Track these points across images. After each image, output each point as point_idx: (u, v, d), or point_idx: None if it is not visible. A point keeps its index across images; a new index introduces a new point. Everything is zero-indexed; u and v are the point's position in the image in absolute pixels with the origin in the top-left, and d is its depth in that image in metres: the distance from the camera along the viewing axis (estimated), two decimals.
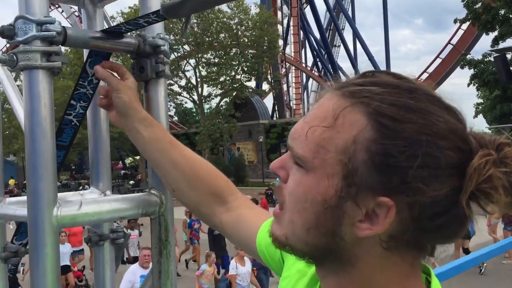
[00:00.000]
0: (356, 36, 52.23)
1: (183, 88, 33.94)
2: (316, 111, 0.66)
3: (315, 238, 0.65)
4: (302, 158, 0.65)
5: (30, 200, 0.99)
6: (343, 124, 0.62)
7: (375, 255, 0.64)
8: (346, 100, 0.63)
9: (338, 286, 0.69)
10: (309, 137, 0.64)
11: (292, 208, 0.67)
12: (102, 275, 1.41)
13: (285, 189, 0.68)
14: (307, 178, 0.65)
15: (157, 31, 1.20)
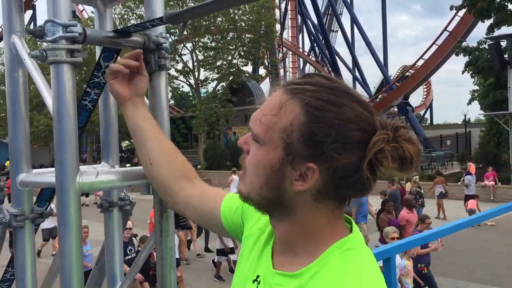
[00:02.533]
0: (353, 21, 52.11)
1: (180, 72, 33.94)
2: (268, 102, 0.93)
3: (266, 192, 0.92)
4: (257, 135, 0.92)
5: (57, 169, 1.24)
6: (285, 112, 0.88)
7: (308, 204, 0.91)
8: (287, 95, 0.90)
9: (285, 229, 0.95)
10: (262, 121, 0.91)
11: (251, 172, 0.94)
12: (111, 236, 1.66)
13: (246, 158, 0.96)
14: (260, 150, 0.91)
15: (159, 31, 1.43)
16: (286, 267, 0.93)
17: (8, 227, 1.41)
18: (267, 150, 0.90)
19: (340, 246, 0.90)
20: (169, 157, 1.33)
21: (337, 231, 0.92)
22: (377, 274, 0.88)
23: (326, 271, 0.86)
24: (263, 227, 1.07)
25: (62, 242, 1.23)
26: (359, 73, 53.67)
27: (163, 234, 1.45)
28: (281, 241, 0.97)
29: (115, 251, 1.66)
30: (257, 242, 1.05)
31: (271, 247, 1.01)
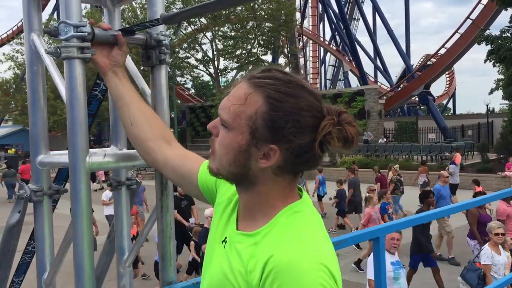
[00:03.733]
0: (375, 9, 51.55)
1: (200, 61, 34.22)
2: (235, 92, 1.09)
3: (234, 169, 1.09)
4: (226, 122, 1.08)
5: (70, 151, 1.43)
6: (250, 103, 1.05)
7: (269, 178, 1.09)
8: (251, 88, 1.06)
9: (248, 198, 1.13)
10: (231, 110, 1.08)
11: (220, 152, 1.11)
12: (120, 213, 1.86)
13: (215, 141, 1.13)
14: (229, 134, 1.08)
15: (160, 30, 1.61)
16: (247, 228, 1.11)
17: (28, 201, 1.61)
18: (235, 134, 1.06)
19: (289, 209, 1.08)
20: (149, 119, 1.47)
21: (289, 199, 1.10)
22: (316, 232, 1.04)
23: (275, 231, 1.04)
24: (231, 196, 1.23)
25: (75, 213, 1.42)
26: (381, 62, 53.17)
27: (163, 210, 1.63)
28: (244, 207, 1.15)
29: (124, 226, 1.85)
30: (226, 209, 1.22)
31: (236, 213, 1.19)
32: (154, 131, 1.47)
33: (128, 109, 1.47)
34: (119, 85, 1.49)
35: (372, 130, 31.53)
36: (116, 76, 1.49)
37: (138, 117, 1.47)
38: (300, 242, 0.98)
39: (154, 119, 1.50)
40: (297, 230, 1.02)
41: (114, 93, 1.50)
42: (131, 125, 1.47)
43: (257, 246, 1.03)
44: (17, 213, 1.62)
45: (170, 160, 1.44)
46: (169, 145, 1.48)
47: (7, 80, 44.50)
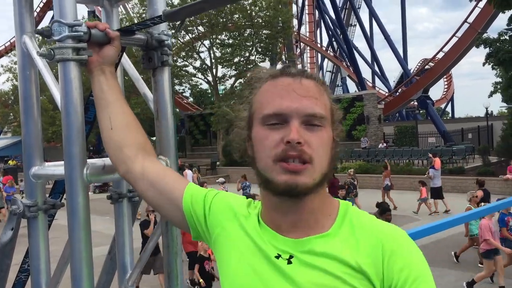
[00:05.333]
0: (372, 15, 51.68)
1: (198, 69, 34.17)
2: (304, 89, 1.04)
3: (329, 168, 1.05)
4: (325, 117, 1.05)
5: (66, 162, 1.31)
6: (323, 94, 1.07)
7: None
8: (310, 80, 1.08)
9: (318, 200, 1.06)
10: (322, 103, 1.05)
11: (321, 154, 1.02)
12: (121, 227, 1.73)
13: (308, 148, 1.00)
14: (326, 130, 1.05)
15: (161, 29, 1.49)
16: (312, 232, 1.05)
17: (22, 217, 1.49)
18: (328, 127, 1.05)
19: (345, 204, 1.11)
20: (130, 125, 1.32)
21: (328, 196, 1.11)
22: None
23: (354, 216, 1.07)
24: (244, 213, 1.15)
25: (72, 229, 1.30)
26: (378, 67, 53.19)
27: (168, 224, 1.51)
28: (306, 213, 1.06)
29: (125, 242, 1.73)
30: (246, 230, 1.11)
31: (269, 229, 1.08)
32: (134, 138, 1.32)
33: (110, 111, 1.32)
34: (104, 84, 1.34)
35: (372, 135, 31.43)
36: (103, 75, 1.34)
37: (120, 121, 1.32)
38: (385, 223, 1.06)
39: (137, 126, 1.35)
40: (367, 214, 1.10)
41: (97, 93, 1.35)
42: (110, 128, 1.32)
43: (350, 239, 1.02)
44: (10, 230, 1.50)
45: (150, 172, 1.27)
46: (149, 157, 1.32)
47: (6, 92, 44.52)
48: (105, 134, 1.33)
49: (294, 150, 0.98)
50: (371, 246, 1.00)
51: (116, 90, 1.35)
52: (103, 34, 1.36)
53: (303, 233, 1.05)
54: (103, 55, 1.35)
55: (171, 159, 1.51)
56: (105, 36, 1.36)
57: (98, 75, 1.34)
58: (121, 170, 1.31)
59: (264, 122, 1.03)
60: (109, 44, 1.36)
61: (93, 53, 1.34)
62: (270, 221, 1.09)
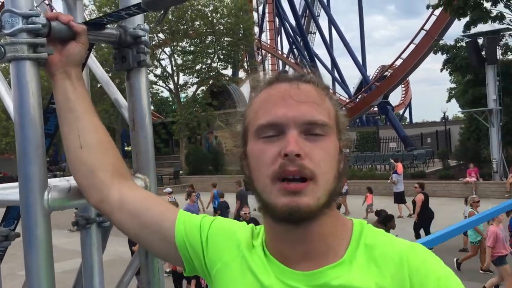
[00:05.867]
0: (331, 22, 52.33)
1: (159, 77, 33.63)
2: (304, 95, 0.91)
3: (335, 183, 0.90)
4: (328, 125, 0.91)
5: (22, 185, 1.05)
6: (326, 101, 0.94)
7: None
8: (315, 87, 0.94)
9: (328, 223, 0.92)
10: (325, 110, 0.92)
11: (326, 167, 0.88)
12: (89, 257, 1.47)
13: (309, 163, 0.86)
14: (331, 139, 0.91)
15: (137, 22, 1.25)
16: (325, 262, 0.91)
17: None
18: (333, 137, 0.91)
19: (359, 224, 0.96)
20: (104, 143, 1.12)
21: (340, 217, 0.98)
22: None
23: (370, 236, 0.93)
24: (247, 243, 1.00)
25: (29, 272, 1.04)
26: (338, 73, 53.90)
27: (149, 255, 1.26)
28: (317, 240, 0.92)
29: (94, 274, 1.47)
30: (250, 265, 0.96)
31: (277, 262, 0.94)
32: (109, 160, 1.10)
33: (79, 126, 1.09)
34: (71, 92, 1.10)
35: None
36: (68, 79, 1.10)
37: (92, 139, 1.09)
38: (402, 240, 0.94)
39: (111, 144, 1.13)
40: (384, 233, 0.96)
41: (61, 102, 1.10)
42: (79, 147, 1.08)
43: (369, 263, 0.90)
44: None
45: (130, 201, 1.06)
46: (126, 182, 1.11)
47: None
48: (72, 154, 1.09)
49: (293, 164, 0.86)
50: (395, 266, 0.88)
51: (85, 99, 1.11)
52: (66, 28, 1.11)
53: (316, 264, 0.91)
54: (67, 53, 1.11)
55: (151, 177, 1.28)
56: (69, 30, 1.11)
57: (62, 79, 1.10)
58: (94, 199, 1.08)
59: (259, 135, 0.91)
60: (74, 40, 1.12)
61: (55, 51, 1.10)
62: (277, 252, 0.95)
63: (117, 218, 1.07)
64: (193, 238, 1.03)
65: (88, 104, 1.12)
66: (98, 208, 1.11)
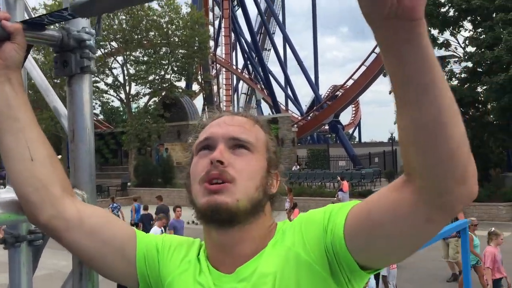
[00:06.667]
0: (286, 40, 53.21)
1: (110, 86, 32.86)
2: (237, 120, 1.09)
3: (259, 194, 1.01)
4: (251, 143, 1.04)
5: None
6: (258, 129, 1.11)
7: (267, 204, 1.06)
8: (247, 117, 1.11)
9: (256, 229, 1.02)
10: (252, 132, 1.07)
11: (247, 177, 1.00)
12: (18, 279, 1.34)
13: (231, 169, 0.99)
14: (255, 156, 1.04)
15: (82, 25, 1.16)
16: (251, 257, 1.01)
17: None
18: (259, 157, 1.04)
19: (283, 222, 1.08)
20: (53, 157, 1.05)
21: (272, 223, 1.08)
22: None
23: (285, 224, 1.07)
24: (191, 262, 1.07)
25: None
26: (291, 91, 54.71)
27: (83, 277, 1.16)
28: (247, 243, 1.02)
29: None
30: (196, 277, 1.03)
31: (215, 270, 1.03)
32: (58, 173, 1.03)
33: (27, 136, 1.00)
34: (12, 98, 1.00)
35: (286, 157, 31.93)
36: (8, 83, 1.00)
37: (42, 150, 1.02)
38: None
39: (56, 157, 1.06)
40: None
41: (3, 109, 1.00)
42: (30, 159, 0.99)
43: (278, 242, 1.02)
44: None
45: (89, 217, 1.02)
46: (74, 196, 1.06)
47: None
48: (21, 166, 0.99)
49: (217, 169, 0.98)
50: (294, 229, 1.01)
51: (28, 107, 1.03)
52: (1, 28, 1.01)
53: (240, 261, 1.02)
54: (4, 56, 1.00)
55: (89, 193, 1.17)
56: (2, 30, 1.01)
57: (1, 83, 1.00)
58: (45, 215, 1.00)
59: (197, 153, 1.06)
60: (9, 40, 1.01)
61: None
62: (215, 260, 1.05)
63: (72, 236, 1.01)
64: (151, 254, 1.08)
65: (32, 112, 1.04)
66: (48, 225, 1.01)
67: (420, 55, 0.72)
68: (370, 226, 0.87)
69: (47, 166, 1.01)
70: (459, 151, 0.76)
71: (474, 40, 20.05)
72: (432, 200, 0.79)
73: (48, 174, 1.01)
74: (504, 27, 18.80)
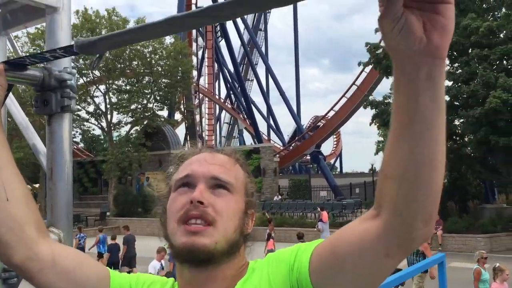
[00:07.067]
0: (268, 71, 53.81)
1: (91, 115, 32.67)
2: (217, 159, 1.09)
3: (236, 236, 1.02)
4: (231, 183, 1.05)
5: None
6: (238, 169, 1.12)
7: (242, 243, 1.06)
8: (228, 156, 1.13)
9: (229, 269, 1.02)
10: (231, 172, 1.08)
11: (226, 218, 1.00)
12: None
13: (210, 210, 0.99)
14: (234, 197, 1.05)
15: (64, 65, 1.18)
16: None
17: None
18: (238, 198, 1.05)
19: (254, 261, 1.08)
20: (28, 196, 1.04)
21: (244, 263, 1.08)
22: None
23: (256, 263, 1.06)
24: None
25: None
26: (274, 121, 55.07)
27: None
28: (219, 282, 1.01)
29: None
30: None
31: None
32: (33, 213, 1.03)
33: (4, 176, 1.00)
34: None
35: (268, 187, 31.91)
36: None
37: (17, 190, 1.01)
38: None
39: (31, 196, 1.05)
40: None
41: None
42: (6, 199, 0.99)
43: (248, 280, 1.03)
44: None
45: (63, 258, 1.01)
46: (46, 237, 1.05)
47: None
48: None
49: (196, 209, 0.98)
50: (263, 268, 1.02)
51: (7, 146, 1.03)
52: None
53: None
54: None
55: (66, 231, 1.17)
56: None
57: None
58: (19, 256, 0.98)
59: (176, 189, 1.05)
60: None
61: None
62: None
63: (45, 277, 0.99)
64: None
65: (9, 151, 1.04)
66: (21, 266, 1.00)
67: (437, 93, 0.73)
68: (334, 260, 0.89)
69: (23, 207, 1.01)
70: (437, 194, 0.79)
71: (451, 74, 20.57)
72: (395, 237, 0.81)
73: (24, 214, 1.00)
74: (480, 62, 19.38)
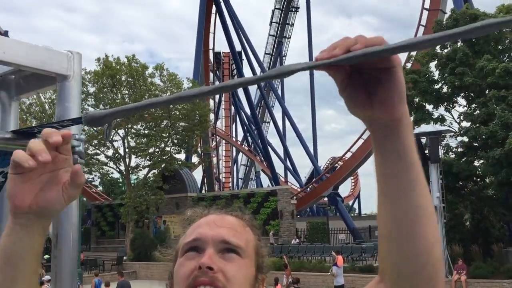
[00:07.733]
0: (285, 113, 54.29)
1: (110, 158, 33.09)
2: (227, 221, 1.05)
3: None
4: (241, 248, 1.00)
5: None
6: (249, 232, 1.08)
7: None
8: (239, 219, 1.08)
9: None
10: (242, 236, 1.04)
11: (238, 285, 0.96)
12: None
13: (220, 276, 0.93)
14: (245, 262, 1.00)
15: (72, 132, 1.19)
16: None
17: None
18: (249, 262, 1.01)
19: None
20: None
21: None
22: None
23: None
24: None
25: None
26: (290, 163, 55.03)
27: None
28: None
29: None
30: None
31: None
32: None
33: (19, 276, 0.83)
34: (26, 248, 0.82)
35: (285, 230, 31.52)
36: (27, 232, 0.82)
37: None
38: None
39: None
40: None
41: (8, 253, 0.81)
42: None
43: None
44: None
45: None
46: None
47: None
48: None
49: (206, 276, 0.92)
50: None
51: (37, 262, 0.86)
52: None
53: None
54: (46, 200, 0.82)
55: None
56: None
57: (19, 232, 0.81)
58: None
59: (183, 253, 1.01)
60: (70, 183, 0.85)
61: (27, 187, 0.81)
62: None
63: None
64: None
65: (37, 263, 0.87)
66: None
67: (401, 151, 0.78)
68: None
69: None
70: (430, 251, 0.78)
71: (469, 115, 20.47)
72: None
73: None
74: (498, 103, 19.28)
